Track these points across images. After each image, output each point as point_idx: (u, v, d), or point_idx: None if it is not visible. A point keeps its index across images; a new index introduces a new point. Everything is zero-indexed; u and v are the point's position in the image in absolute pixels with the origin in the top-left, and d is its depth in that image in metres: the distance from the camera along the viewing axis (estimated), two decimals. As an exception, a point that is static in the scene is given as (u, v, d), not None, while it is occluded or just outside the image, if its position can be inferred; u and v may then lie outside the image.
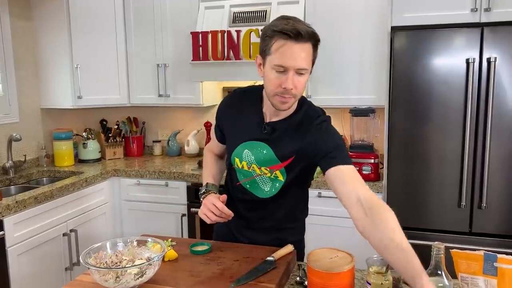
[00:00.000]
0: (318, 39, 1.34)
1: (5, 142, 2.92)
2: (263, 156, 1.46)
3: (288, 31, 1.28)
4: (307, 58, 1.32)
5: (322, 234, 2.64)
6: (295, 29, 1.28)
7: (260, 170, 1.48)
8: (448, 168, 2.32)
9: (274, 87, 1.34)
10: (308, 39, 1.30)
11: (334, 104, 2.89)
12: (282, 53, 1.29)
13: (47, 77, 3.19)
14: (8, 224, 2.23)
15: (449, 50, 2.25)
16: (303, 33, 1.28)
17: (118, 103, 3.31)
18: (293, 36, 1.27)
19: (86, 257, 1.23)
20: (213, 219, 1.43)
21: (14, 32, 3.01)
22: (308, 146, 1.41)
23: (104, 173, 2.99)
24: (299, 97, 1.39)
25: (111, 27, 3.20)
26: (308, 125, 1.43)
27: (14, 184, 2.87)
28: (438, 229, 2.37)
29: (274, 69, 1.32)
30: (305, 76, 1.34)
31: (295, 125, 1.44)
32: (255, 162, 1.47)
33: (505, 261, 1.09)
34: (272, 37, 1.31)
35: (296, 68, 1.30)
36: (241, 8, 2.92)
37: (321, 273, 1.13)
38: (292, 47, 1.29)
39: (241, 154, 1.50)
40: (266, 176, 1.49)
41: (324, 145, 1.37)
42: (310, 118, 1.45)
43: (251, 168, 1.49)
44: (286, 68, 1.30)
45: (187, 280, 1.27)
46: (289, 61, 1.29)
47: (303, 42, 1.29)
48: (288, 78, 1.31)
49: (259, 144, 1.47)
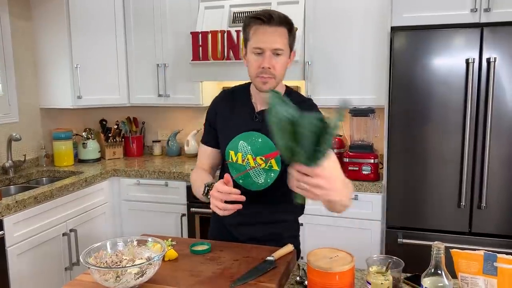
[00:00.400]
0: (291, 23, 1.46)
1: (4, 142, 2.92)
2: (259, 144, 1.51)
3: (261, 15, 1.42)
4: (282, 40, 1.43)
5: (322, 234, 2.64)
6: (267, 13, 1.43)
7: (255, 161, 1.52)
8: (447, 168, 2.32)
9: (254, 69, 1.45)
10: (280, 23, 1.43)
11: (334, 104, 2.88)
12: (257, 36, 1.43)
13: (46, 77, 3.19)
14: (8, 224, 2.22)
15: (449, 50, 2.25)
16: (275, 17, 1.42)
17: (118, 103, 3.31)
18: (266, 20, 1.41)
19: (86, 257, 1.23)
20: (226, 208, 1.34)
21: (14, 32, 3.01)
22: None
23: (104, 173, 2.99)
24: (279, 78, 1.48)
25: (110, 27, 3.20)
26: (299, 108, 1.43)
27: (13, 184, 2.87)
28: (438, 229, 2.37)
29: (253, 53, 1.44)
30: (282, 58, 1.45)
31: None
32: (250, 152, 1.52)
33: (505, 261, 1.09)
34: (249, 24, 1.46)
35: (272, 49, 1.42)
36: (241, 8, 2.92)
37: (321, 272, 1.13)
38: (266, 30, 1.42)
39: (237, 146, 1.54)
40: (260, 168, 1.52)
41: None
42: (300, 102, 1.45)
43: (245, 161, 1.53)
44: (263, 50, 1.42)
45: (187, 279, 1.27)
46: (264, 43, 1.42)
47: (276, 26, 1.42)
48: (265, 58, 1.42)
49: (253, 133, 1.52)
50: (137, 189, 3.04)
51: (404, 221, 2.44)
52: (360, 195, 2.55)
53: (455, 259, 1.14)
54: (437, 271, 1.06)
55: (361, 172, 2.59)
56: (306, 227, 2.67)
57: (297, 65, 2.79)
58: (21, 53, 3.09)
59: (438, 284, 1.05)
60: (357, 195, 2.56)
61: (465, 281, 1.13)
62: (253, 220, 1.59)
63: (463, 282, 1.14)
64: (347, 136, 3.04)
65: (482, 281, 1.11)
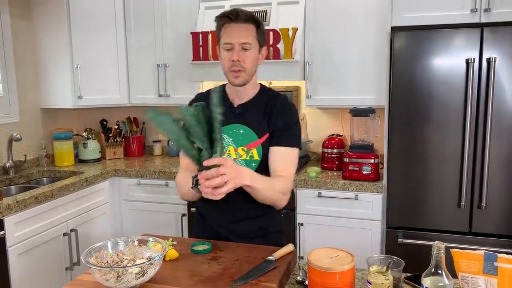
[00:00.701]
0: (258, 20, 1.55)
1: (5, 142, 2.92)
2: (241, 135, 1.58)
3: (228, 13, 1.53)
4: (249, 36, 1.52)
5: (322, 234, 2.64)
6: (234, 11, 1.52)
7: (236, 152, 1.57)
8: (448, 168, 2.32)
9: (226, 63, 1.54)
10: (246, 20, 1.52)
11: (334, 104, 2.89)
12: (226, 32, 1.53)
13: (47, 77, 3.19)
14: (9, 224, 2.23)
15: (449, 50, 2.25)
16: (241, 15, 1.51)
17: (118, 103, 3.31)
18: (233, 17, 1.51)
19: (87, 257, 1.23)
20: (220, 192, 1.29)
21: (14, 32, 3.01)
22: (275, 119, 1.58)
23: (104, 173, 2.99)
24: (250, 72, 1.56)
25: (111, 27, 3.21)
26: (274, 100, 1.61)
27: (14, 184, 2.87)
28: (438, 229, 2.37)
29: (224, 48, 1.53)
30: (251, 52, 1.53)
31: (262, 103, 1.61)
32: (232, 144, 1.57)
33: (505, 260, 1.09)
34: (218, 24, 1.56)
35: (240, 43, 1.51)
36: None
37: (321, 272, 1.13)
38: (233, 26, 1.52)
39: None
40: (241, 159, 1.57)
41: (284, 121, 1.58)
42: (275, 95, 1.65)
43: (227, 153, 1.57)
44: (232, 45, 1.51)
45: (188, 279, 1.27)
46: (232, 38, 1.51)
47: (242, 22, 1.51)
48: (234, 52, 1.51)
49: (234, 126, 1.59)
50: (138, 189, 3.05)
51: (405, 221, 2.44)
52: (360, 195, 2.56)
53: (455, 259, 1.15)
54: (438, 270, 1.06)
55: (362, 172, 2.59)
56: (306, 227, 2.67)
57: (297, 65, 2.79)
58: (22, 53, 3.09)
59: (438, 284, 1.05)
60: (358, 195, 2.56)
61: (466, 280, 1.13)
62: (240, 216, 1.61)
63: (464, 282, 1.14)
64: (347, 136, 3.05)
65: (482, 280, 1.11)
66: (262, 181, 1.46)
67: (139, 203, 3.05)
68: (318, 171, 2.73)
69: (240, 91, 1.61)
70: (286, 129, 1.57)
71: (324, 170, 2.89)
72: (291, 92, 3.25)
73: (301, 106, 3.26)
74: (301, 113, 3.26)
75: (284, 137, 1.56)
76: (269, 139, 1.57)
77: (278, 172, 1.54)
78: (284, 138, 1.56)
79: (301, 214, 2.68)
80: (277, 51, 2.75)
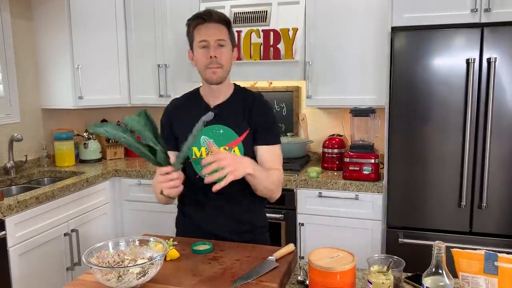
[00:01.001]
0: (229, 21, 1.60)
1: (6, 143, 2.92)
2: (221, 135, 1.60)
3: (201, 14, 1.57)
4: (223, 34, 1.57)
5: (322, 234, 2.64)
6: (206, 11, 1.57)
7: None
8: (448, 168, 2.32)
9: (202, 61, 1.56)
10: (219, 20, 1.56)
11: (335, 104, 2.89)
12: (200, 31, 1.56)
13: (48, 77, 3.19)
14: (10, 224, 2.23)
15: (449, 50, 2.25)
16: (214, 14, 1.56)
17: (119, 103, 3.32)
18: (206, 17, 1.55)
19: (88, 257, 1.23)
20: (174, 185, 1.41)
21: (15, 32, 3.02)
22: (253, 116, 1.62)
23: (105, 173, 2.99)
24: (226, 69, 1.59)
25: (111, 27, 3.21)
26: (251, 99, 1.65)
27: (15, 184, 2.87)
28: (438, 229, 2.37)
29: (199, 47, 1.56)
30: (227, 49, 1.57)
31: (239, 101, 1.65)
32: (214, 144, 1.60)
33: (506, 260, 1.09)
34: (191, 25, 1.59)
35: (216, 39, 1.54)
36: (241, 9, 2.93)
37: (322, 272, 1.13)
38: (207, 26, 1.55)
39: (199, 142, 1.61)
40: None
41: (264, 119, 1.64)
42: (251, 95, 1.69)
43: (209, 153, 1.59)
44: (207, 42, 1.54)
45: (189, 279, 1.27)
46: (207, 36, 1.54)
47: (215, 22, 1.56)
48: (211, 49, 1.54)
49: (213, 126, 1.60)
50: (138, 189, 3.05)
51: (405, 221, 2.44)
52: (361, 195, 2.56)
53: (456, 259, 1.15)
54: (438, 270, 1.06)
55: (362, 172, 2.59)
56: (307, 227, 2.67)
57: (298, 65, 2.79)
58: (22, 53, 3.09)
59: (439, 284, 1.06)
60: (358, 195, 2.56)
61: (466, 280, 1.14)
62: (228, 211, 1.64)
63: (464, 282, 1.14)
64: (347, 136, 3.05)
65: (483, 280, 1.11)
66: (261, 170, 1.54)
67: (140, 203, 3.06)
68: (319, 171, 2.73)
69: (215, 91, 1.63)
70: (270, 128, 1.65)
71: (324, 170, 2.89)
72: (291, 92, 3.25)
73: (301, 106, 3.27)
74: (301, 113, 3.27)
75: (270, 136, 1.64)
76: (250, 136, 1.61)
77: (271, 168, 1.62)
78: (271, 137, 1.64)
79: (302, 214, 2.68)
80: (277, 51, 2.75)
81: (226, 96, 1.65)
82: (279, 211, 2.69)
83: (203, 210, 1.66)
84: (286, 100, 3.28)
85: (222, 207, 1.64)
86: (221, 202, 1.64)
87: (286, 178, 2.68)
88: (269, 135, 1.64)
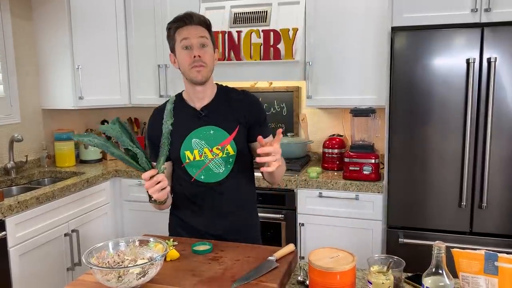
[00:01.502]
0: (209, 24, 1.63)
1: (6, 143, 2.93)
2: (212, 136, 1.62)
3: (181, 16, 1.61)
4: (204, 35, 1.59)
5: (323, 234, 2.64)
6: (186, 13, 1.61)
7: (212, 152, 1.61)
8: (448, 168, 2.32)
9: (186, 61, 1.57)
10: (199, 23, 1.60)
11: (335, 104, 2.89)
12: (182, 33, 1.58)
13: (48, 78, 3.20)
14: (10, 225, 2.23)
15: (449, 50, 2.25)
16: (194, 17, 1.60)
17: (119, 104, 3.32)
18: (187, 19, 1.59)
19: (88, 257, 1.23)
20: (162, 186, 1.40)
21: (15, 32, 3.02)
22: (246, 113, 1.65)
23: (105, 174, 3.00)
24: (210, 68, 1.61)
25: (112, 27, 3.21)
26: (238, 96, 1.69)
27: (15, 185, 2.87)
28: (439, 229, 2.37)
29: (182, 48, 1.58)
30: (209, 49, 1.60)
31: (224, 100, 1.67)
32: (206, 146, 1.61)
33: (506, 260, 1.09)
34: (172, 28, 1.62)
35: (198, 37, 1.57)
36: (242, 9, 2.92)
37: (322, 272, 1.13)
38: (188, 27, 1.58)
39: (190, 145, 1.62)
40: (219, 157, 1.62)
41: (258, 115, 1.69)
42: (236, 91, 1.72)
43: (203, 155, 1.61)
44: (190, 43, 1.56)
45: (189, 279, 1.27)
46: (190, 36, 1.57)
47: (196, 24, 1.59)
48: (194, 48, 1.56)
49: (203, 128, 1.62)
50: (139, 189, 3.05)
51: (405, 221, 2.44)
52: (361, 195, 2.56)
53: (456, 259, 1.15)
54: (438, 270, 1.06)
55: (362, 172, 2.59)
56: (307, 227, 2.67)
57: (298, 65, 2.79)
58: (23, 53, 3.09)
59: (439, 284, 1.06)
60: (358, 195, 2.56)
61: (466, 280, 1.14)
62: (226, 210, 1.66)
63: (464, 282, 1.14)
64: (348, 136, 3.05)
65: (483, 280, 1.11)
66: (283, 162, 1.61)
67: (140, 204, 3.06)
68: (319, 171, 2.73)
69: (200, 92, 1.64)
70: (265, 123, 1.71)
71: (324, 170, 2.89)
72: (291, 93, 3.25)
73: (301, 107, 3.27)
74: (301, 113, 3.27)
75: (265, 129, 1.69)
76: (242, 133, 1.64)
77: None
78: (266, 130, 1.69)
79: (302, 214, 2.68)
80: (277, 52, 2.75)
81: (211, 97, 1.67)
82: (280, 211, 2.69)
83: (201, 212, 1.67)
84: (286, 100, 3.28)
85: (221, 207, 1.66)
86: (219, 202, 1.65)
87: (286, 178, 2.68)
88: (264, 129, 1.69)
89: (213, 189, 1.64)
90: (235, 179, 1.66)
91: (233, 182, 1.66)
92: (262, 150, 1.39)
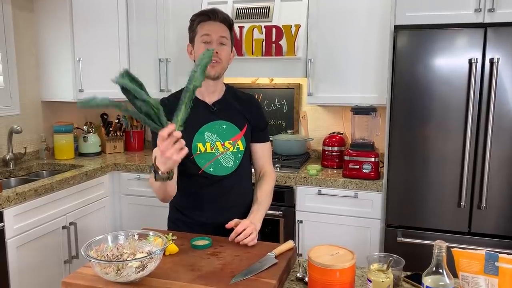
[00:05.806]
0: (231, 23, 1.68)
1: (5, 134, 2.92)
2: (225, 130, 1.66)
3: (206, 11, 1.64)
4: (226, 33, 1.64)
5: (321, 232, 2.64)
6: (211, 9, 1.65)
7: (223, 146, 1.65)
8: (448, 168, 2.32)
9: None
10: (222, 20, 1.63)
11: (336, 102, 2.89)
12: (204, 27, 1.62)
13: (48, 70, 3.18)
14: (8, 216, 2.23)
15: (452, 50, 2.25)
16: (219, 13, 1.63)
17: (120, 97, 3.28)
18: (212, 15, 1.62)
19: (87, 250, 1.23)
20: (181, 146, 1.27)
21: (16, 24, 3.00)
22: (253, 115, 1.73)
23: (104, 167, 2.99)
24: (224, 66, 1.65)
25: (113, 20, 3.19)
26: (244, 96, 1.76)
27: (14, 176, 2.87)
28: (437, 229, 2.37)
29: (202, 42, 1.61)
30: (227, 48, 1.64)
31: (234, 99, 1.72)
32: (218, 139, 1.65)
33: (506, 260, 1.09)
34: (195, 21, 1.66)
35: (218, 36, 1.60)
36: (244, 4, 2.91)
37: (322, 269, 1.13)
38: (211, 23, 1.62)
39: (203, 137, 1.64)
40: (229, 152, 1.67)
41: (261, 120, 1.77)
42: (243, 92, 1.79)
43: (215, 148, 1.64)
44: (210, 39, 1.60)
45: (188, 274, 1.27)
46: (211, 31, 1.60)
47: (219, 21, 1.63)
48: (213, 43, 1.60)
49: (216, 122, 1.66)
50: (138, 183, 3.04)
51: (404, 220, 2.44)
52: (360, 193, 2.56)
53: (456, 258, 1.15)
54: (439, 270, 1.06)
55: (362, 170, 2.59)
56: (306, 225, 2.67)
57: (300, 62, 2.79)
58: (23, 45, 3.08)
59: (439, 283, 1.05)
60: (357, 193, 2.56)
61: (466, 280, 1.13)
62: (231, 202, 1.69)
63: (464, 281, 1.14)
64: (348, 134, 3.04)
65: (483, 280, 1.11)
66: (263, 209, 1.68)
67: (139, 198, 3.05)
68: (318, 168, 2.73)
69: (211, 86, 1.67)
70: (265, 128, 1.79)
71: (324, 168, 2.89)
72: (292, 89, 3.25)
73: (302, 104, 3.26)
74: (302, 110, 3.26)
75: (265, 134, 1.78)
76: (249, 130, 1.71)
77: (265, 166, 1.79)
78: (265, 135, 1.78)
79: (301, 211, 2.68)
80: (279, 48, 2.74)
81: (220, 94, 1.71)
82: (278, 208, 2.68)
83: (204, 204, 1.68)
84: (287, 97, 3.27)
85: (225, 200, 1.68)
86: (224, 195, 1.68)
87: (285, 175, 2.68)
88: (264, 134, 1.78)
89: (219, 182, 1.67)
90: (240, 174, 1.71)
91: (239, 177, 1.71)
92: (235, 233, 1.50)
